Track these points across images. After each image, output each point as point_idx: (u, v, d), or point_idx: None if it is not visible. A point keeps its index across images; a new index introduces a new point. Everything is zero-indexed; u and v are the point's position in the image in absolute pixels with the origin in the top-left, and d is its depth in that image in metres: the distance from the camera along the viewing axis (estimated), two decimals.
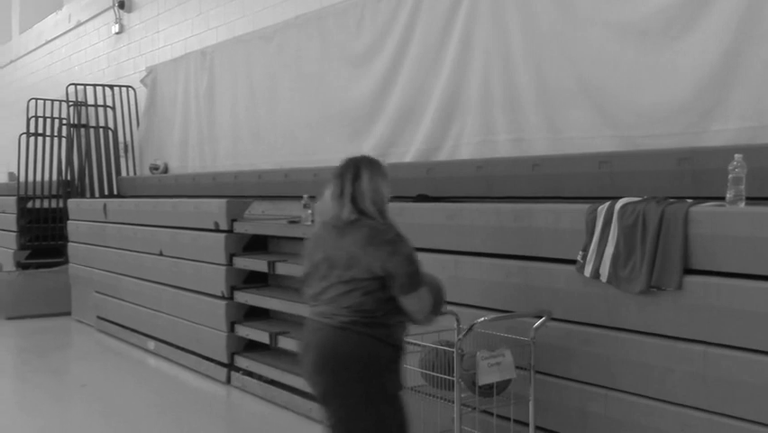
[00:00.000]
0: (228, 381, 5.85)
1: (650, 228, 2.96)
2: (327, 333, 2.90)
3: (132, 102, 9.76)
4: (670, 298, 2.92)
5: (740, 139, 3.56)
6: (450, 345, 3.28)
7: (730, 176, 2.96)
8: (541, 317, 3.27)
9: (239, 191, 6.98)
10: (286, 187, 6.46)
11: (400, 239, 2.90)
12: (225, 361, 5.86)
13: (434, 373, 3.35)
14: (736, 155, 2.98)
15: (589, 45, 4.27)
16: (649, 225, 2.97)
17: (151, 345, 6.94)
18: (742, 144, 3.42)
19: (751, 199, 2.96)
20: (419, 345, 3.44)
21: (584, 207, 3.26)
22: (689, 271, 2.88)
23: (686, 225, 2.86)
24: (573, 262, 3.26)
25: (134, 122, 9.70)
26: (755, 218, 2.69)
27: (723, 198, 2.96)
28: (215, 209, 5.97)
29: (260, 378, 5.52)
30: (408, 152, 5.44)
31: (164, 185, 8.45)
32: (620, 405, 3.11)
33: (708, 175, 3.41)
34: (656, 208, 2.98)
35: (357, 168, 2.98)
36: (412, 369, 3.38)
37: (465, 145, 5.05)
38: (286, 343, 5.32)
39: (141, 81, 9.50)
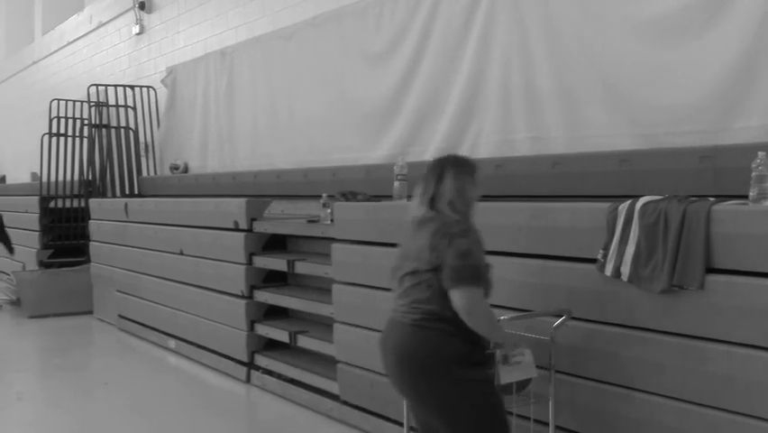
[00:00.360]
0: (248, 379, 5.87)
1: (672, 227, 2.93)
2: (400, 331, 2.94)
3: (153, 102, 9.80)
4: (692, 297, 2.89)
5: (763, 136, 3.52)
6: None
7: (754, 174, 2.93)
8: (561, 317, 3.25)
9: (258, 191, 7.00)
10: (305, 186, 6.47)
11: (464, 235, 2.86)
12: (245, 360, 5.88)
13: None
14: (760, 153, 2.94)
15: (608, 43, 4.24)
16: (671, 223, 2.94)
17: (172, 343, 6.98)
18: (765, 142, 3.38)
19: None
20: None
21: (604, 205, 3.24)
22: (711, 270, 2.85)
23: (708, 223, 2.83)
24: (593, 260, 3.23)
25: (155, 122, 9.75)
26: None
27: (746, 197, 2.92)
28: (235, 209, 5.99)
29: (279, 377, 5.53)
30: (427, 150, 5.43)
31: (184, 185, 8.49)
32: (641, 405, 3.08)
33: (731, 173, 3.37)
34: (678, 207, 2.95)
35: (442, 168, 2.99)
36: None
37: (484, 144, 5.03)
38: (305, 342, 5.33)
39: (162, 82, 9.55)
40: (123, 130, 9.57)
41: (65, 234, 9.76)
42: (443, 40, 5.33)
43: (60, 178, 9.70)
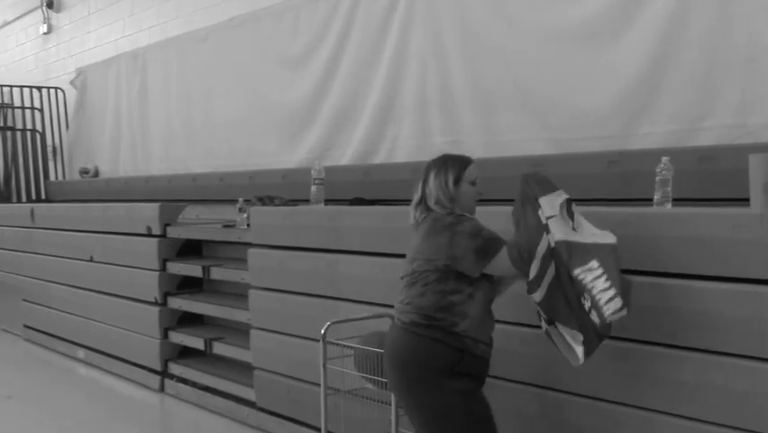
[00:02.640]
0: (161, 388, 5.73)
1: None
2: (394, 336, 2.91)
3: (61, 104, 9.50)
4: None
5: (668, 142, 3.66)
6: (383, 342, 3.27)
7: (657, 178, 3.04)
8: None
9: (173, 195, 6.86)
10: (221, 190, 6.38)
11: (458, 220, 2.79)
12: (159, 368, 5.75)
13: (370, 376, 3.34)
14: (663, 158, 3.06)
15: (523, 49, 4.33)
16: None
17: (81, 353, 6.75)
18: (670, 147, 3.51)
19: (677, 201, 3.04)
20: (352, 346, 3.43)
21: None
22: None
23: None
24: None
25: (63, 124, 9.44)
26: (681, 219, 2.75)
27: (651, 200, 3.03)
28: (148, 213, 5.86)
29: (194, 385, 5.43)
30: (345, 154, 5.43)
31: (95, 189, 8.25)
32: (558, 403, 3.14)
33: (638, 177, 3.49)
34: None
35: (426, 170, 2.96)
36: (347, 371, 3.36)
37: (402, 148, 5.07)
38: (221, 349, 5.25)
39: (71, 83, 9.26)
40: (29, 133, 9.24)
41: None
42: (361, 44, 5.34)
43: None
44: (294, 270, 4.43)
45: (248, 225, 4.87)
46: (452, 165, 2.92)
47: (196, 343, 5.44)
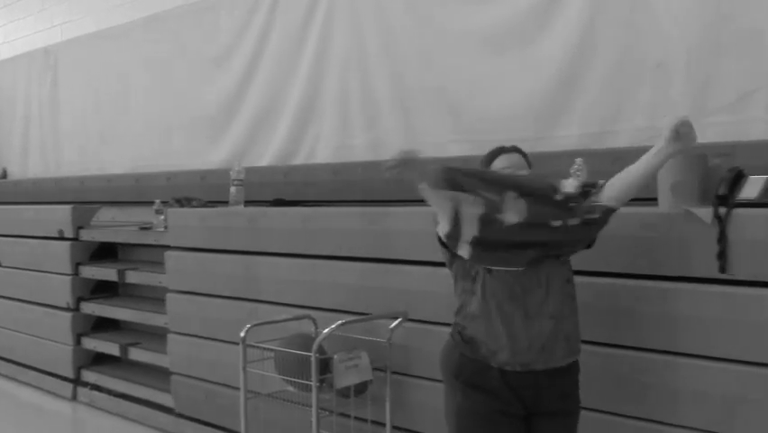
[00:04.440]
0: (74, 397, 5.57)
1: None
2: None
3: None
4: None
5: (581, 144, 3.76)
6: (305, 344, 3.26)
7: (571, 179, 3.12)
8: (397, 319, 3.31)
9: (86, 197, 6.64)
10: (137, 192, 6.22)
11: None
12: (71, 376, 5.58)
13: (292, 379, 3.32)
14: (577, 159, 3.13)
15: (441, 51, 4.37)
16: None
17: None
18: (583, 149, 3.61)
19: None
20: (273, 349, 3.40)
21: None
22: None
23: None
24: (429, 263, 3.31)
25: None
26: None
27: None
28: (60, 216, 5.68)
29: (109, 392, 5.30)
30: (265, 155, 5.38)
31: (2, 191, 7.93)
32: None
33: (552, 178, 3.56)
34: None
35: None
36: (268, 374, 3.33)
37: (323, 149, 5.05)
38: (137, 354, 5.14)
39: None
40: None
41: None
42: (282, 44, 5.30)
43: None
44: (213, 272, 4.37)
45: (165, 227, 4.77)
46: (480, 162, 2.66)
47: (111, 349, 5.31)
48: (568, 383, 2.45)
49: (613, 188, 2.38)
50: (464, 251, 2.38)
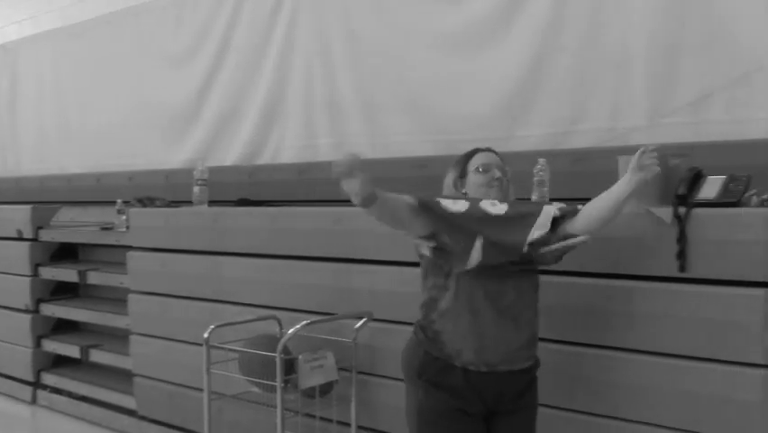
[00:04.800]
0: (33, 400, 5.48)
1: None
2: None
3: None
4: None
5: (544, 144, 3.79)
6: (269, 344, 3.24)
7: (535, 179, 3.15)
8: (362, 319, 3.31)
9: (46, 197, 6.54)
10: (98, 192, 6.13)
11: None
12: (31, 379, 5.50)
13: (256, 380, 3.30)
14: (540, 159, 3.17)
15: (407, 52, 4.38)
16: None
17: None
18: (546, 149, 3.64)
19: (554, 201, 3.14)
20: (237, 350, 3.38)
21: None
22: None
23: None
24: (394, 263, 3.31)
25: None
26: None
27: (529, 200, 3.12)
28: (19, 216, 5.61)
29: (69, 395, 5.23)
30: (230, 155, 5.34)
31: None
32: None
33: (516, 178, 3.59)
34: None
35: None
36: (232, 375, 3.30)
37: (287, 149, 5.03)
38: (98, 356, 5.09)
39: None
40: None
41: None
42: (246, 43, 5.26)
43: None
44: (176, 273, 4.32)
45: (127, 227, 4.72)
46: (457, 162, 2.67)
47: (71, 351, 5.24)
48: (527, 382, 2.49)
49: (587, 219, 2.41)
50: (476, 252, 2.35)
